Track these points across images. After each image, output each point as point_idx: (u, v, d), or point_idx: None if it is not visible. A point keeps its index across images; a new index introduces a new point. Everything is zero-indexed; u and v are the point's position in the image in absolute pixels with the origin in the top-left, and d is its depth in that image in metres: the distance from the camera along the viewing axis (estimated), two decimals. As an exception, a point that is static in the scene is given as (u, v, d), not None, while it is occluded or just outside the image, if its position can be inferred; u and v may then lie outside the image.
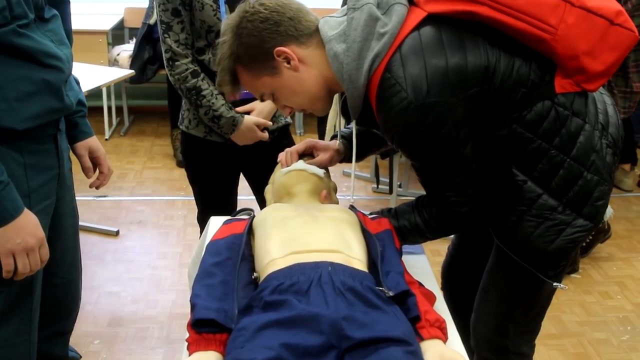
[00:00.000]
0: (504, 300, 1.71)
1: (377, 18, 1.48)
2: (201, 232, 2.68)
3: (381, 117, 1.50)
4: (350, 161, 1.74)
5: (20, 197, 1.51)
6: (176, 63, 2.23)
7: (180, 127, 2.46)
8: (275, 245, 1.42)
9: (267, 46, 1.51)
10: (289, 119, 2.50)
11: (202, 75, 2.26)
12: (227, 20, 1.56)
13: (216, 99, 2.24)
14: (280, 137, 2.45)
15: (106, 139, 4.93)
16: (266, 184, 1.80)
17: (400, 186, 4.10)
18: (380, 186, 4.18)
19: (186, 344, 1.30)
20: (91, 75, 3.49)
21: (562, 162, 1.52)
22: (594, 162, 1.53)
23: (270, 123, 2.35)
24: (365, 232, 1.52)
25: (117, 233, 3.63)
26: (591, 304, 3.12)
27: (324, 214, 1.53)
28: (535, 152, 1.52)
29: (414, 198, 1.68)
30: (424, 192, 1.63)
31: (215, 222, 1.81)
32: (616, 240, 3.64)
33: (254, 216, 1.60)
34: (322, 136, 3.72)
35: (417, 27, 1.47)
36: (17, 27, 1.46)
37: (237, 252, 1.46)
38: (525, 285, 1.65)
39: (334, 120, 3.10)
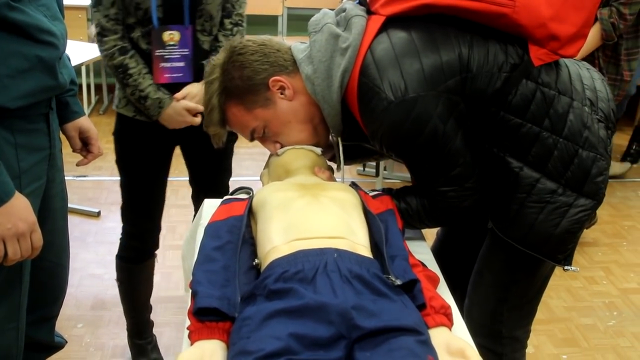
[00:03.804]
0: (499, 284, 1.69)
1: (338, 35, 1.52)
2: (123, 230, 2.44)
3: (366, 123, 1.50)
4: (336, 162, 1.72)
5: (11, 179, 1.46)
6: (104, 39, 2.07)
7: (112, 106, 2.33)
8: (277, 232, 1.38)
9: (260, 77, 1.54)
10: None
11: (131, 52, 2.09)
12: (213, 60, 1.58)
13: (143, 78, 2.08)
14: None
15: (85, 118, 4.84)
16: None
17: (385, 169, 4.07)
18: (366, 169, 4.17)
19: (187, 331, 1.26)
20: (70, 51, 3.38)
21: (555, 143, 1.51)
22: (588, 139, 1.53)
23: (202, 107, 1.90)
24: (367, 213, 1.49)
25: (98, 214, 3.58)
26: (577, 289, 3.14)
27: (326, 194, 1.48)
28: (527, 136, 1.51)
29: (399, 181, 1.65)
30: (409, 175, 1.60)
31: (210, 204, 1.76)
32: (601, 225, 3.66)
33: (252, 196, 1.56)
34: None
35: (383, 31, 1.49)
36: (10, 1, 1.40)
37: (238, 235, 1.42)
38: (521, 269, 1.64)
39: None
